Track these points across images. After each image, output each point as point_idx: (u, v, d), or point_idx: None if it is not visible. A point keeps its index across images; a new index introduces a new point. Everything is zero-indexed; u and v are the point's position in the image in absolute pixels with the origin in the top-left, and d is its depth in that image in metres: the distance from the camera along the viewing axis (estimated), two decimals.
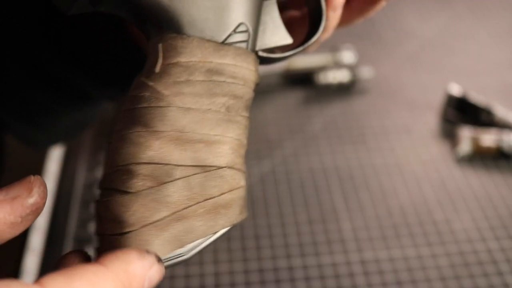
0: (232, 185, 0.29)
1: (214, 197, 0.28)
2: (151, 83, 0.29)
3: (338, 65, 0.69)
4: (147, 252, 0.26)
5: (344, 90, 0.69)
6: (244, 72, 0.31)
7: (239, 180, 0.30)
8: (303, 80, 0.70)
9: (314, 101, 0.68)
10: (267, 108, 0.67)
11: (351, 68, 0.69)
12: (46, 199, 0.27)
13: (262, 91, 0.69)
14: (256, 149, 0.62)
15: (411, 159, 0.60)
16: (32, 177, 0.27)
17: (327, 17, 0.36)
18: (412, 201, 0.56)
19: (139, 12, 0.30)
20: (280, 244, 0.52)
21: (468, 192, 0.57)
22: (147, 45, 0.31)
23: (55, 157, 0.62)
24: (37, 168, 0.62)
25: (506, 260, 0.50)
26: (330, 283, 0.49)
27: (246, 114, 0.31)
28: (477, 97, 0.64)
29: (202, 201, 0.28)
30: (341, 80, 0.69)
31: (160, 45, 0.30)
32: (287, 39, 0.34)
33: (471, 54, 0.74)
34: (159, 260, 0.26)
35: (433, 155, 0.61)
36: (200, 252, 0.28)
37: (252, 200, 0.56)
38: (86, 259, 0.28)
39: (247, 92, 0.31)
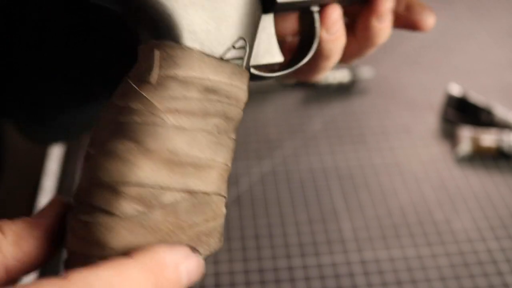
0: (216, 212, 0.28)
1: (199, 224, 0.27)
2: (145, 94, 0.26)
3: (338, 65, 0.69)
4: (180, 245, 0.26)
5: (344, 90, 0.69)
6: (238, 91, 0.29)
7: (221, 207, 0.28)
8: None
9: (314, 101, 0.68)
10: (267, 108, 0.67)
11: (351, 68, 0.69)
12: None
13: (262, 91, 0.69)
14: (256, 149, 0.62)
15: (411, 159, 0.60)
16: (54, 199, 0.28)
17: (320, 38, 0.34)
18: (412, 201, 0.56)
19: (136, 11, 0.28)
20: (280, 244, 0.52)
21: (468, 192, 0.57)
22: (138, 47, 0.28)
23: (55, 156, 0.62)
24: (38, 167, 0.62)
25: (506, 260, 0.50)
26: (330, 283, 0.49)
27: (233, 136, 0.29)
28: (477, 97, 0.64)
29: (187, 228, 0.26)
30: (341, 80, 0.69)
31: (157, 53, 0.27)
32: (279, 57, 0.33)
33: (471, 54, 0.74)
34: (195, 251, 0.26)
35: (433, 155, 0.61)
36: None
37: (252, 200, 0.56)
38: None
39: (238, 113, 0.29)
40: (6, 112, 0.52)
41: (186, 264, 0.25)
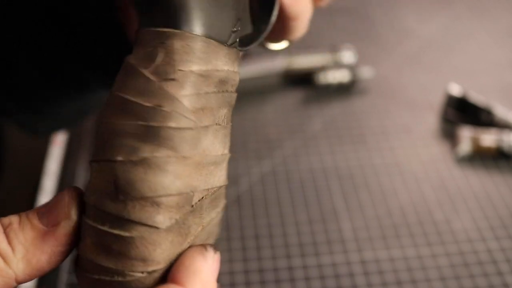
0: (224, 203, 0.27)
1: (214, 218, 0.27)
2: (173, 94, 0.24)
3: (338, 65, 0.69)
4: (205, 248, 0.25)
5: (344, 90, 0.69)
6: (237, 77, 0.27)
7: (224, 194, 0.28)
8: (303, 80, 0.70)
9: (314, 101, 0.68)
10: (267, 108, 0.67)
11: (351, 68, 0.69)
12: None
13: (262, 91, 0.69)
14: (256, 149, 0.62)
15: (411, 159, 0.60)
16: (66, 197, 0.26)
17: (281, 3, 0.32)
18: (412, 201, 0.56)
19: None
20: (280, 244, 0.52)
21: (468, 192, 0.57)
22: (140, 31, 0.26)
23: (55, 156, 0.62)
24: (38, 167, 0.62)
25: (506, 260, 0.50)
26: (330, 283, 0.49)
27: (231, 122, 0.28)
28: (477, 97, 0.64)
29: (206, 225, 0.26)
30: (341, 80, 0.69)
31: (178, 45, 0.25)
32: (250, 28, 0.30)
33: (471, 54, 0.74)
34: (215, 250, 0.26)
35: (433, 155, 0.61)
36: None
37: (252, 200, 0.56)
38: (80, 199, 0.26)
39: (235, 98, 0.28)
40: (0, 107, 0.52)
41: (215, 267, 0.26)
